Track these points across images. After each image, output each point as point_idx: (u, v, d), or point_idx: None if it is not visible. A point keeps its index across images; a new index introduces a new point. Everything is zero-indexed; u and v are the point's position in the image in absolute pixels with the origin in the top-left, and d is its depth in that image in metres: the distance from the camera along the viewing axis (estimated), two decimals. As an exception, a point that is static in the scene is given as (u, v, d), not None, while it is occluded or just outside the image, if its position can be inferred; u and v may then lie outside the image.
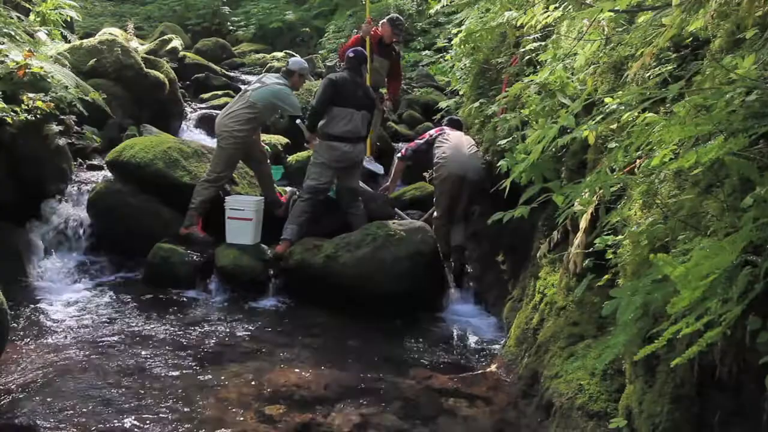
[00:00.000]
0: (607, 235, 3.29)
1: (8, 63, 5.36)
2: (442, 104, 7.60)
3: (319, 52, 15.23)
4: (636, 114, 3.28)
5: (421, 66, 12.66)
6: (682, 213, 2.47)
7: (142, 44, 12.70)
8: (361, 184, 6.35)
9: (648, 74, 3.49)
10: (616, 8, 3.37)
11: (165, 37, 11.58)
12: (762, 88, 2.35)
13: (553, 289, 4.32)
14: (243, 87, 10.96)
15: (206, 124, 9.14)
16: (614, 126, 3.54)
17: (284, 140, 7.77)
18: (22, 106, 5.50)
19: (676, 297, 1.72)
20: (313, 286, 5.33)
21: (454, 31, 6.73)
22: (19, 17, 7.00)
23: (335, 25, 15.88)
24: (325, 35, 15.73)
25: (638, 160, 3.14)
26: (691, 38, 3.43)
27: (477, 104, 6.00)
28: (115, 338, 4.47)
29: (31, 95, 5.52)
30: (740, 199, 2.15)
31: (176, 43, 11.35)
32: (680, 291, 1.70)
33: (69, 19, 10.30)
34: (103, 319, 4.80)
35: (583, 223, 3.50)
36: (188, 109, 9.58)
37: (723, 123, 2.36)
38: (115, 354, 4.21)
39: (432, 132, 6.09)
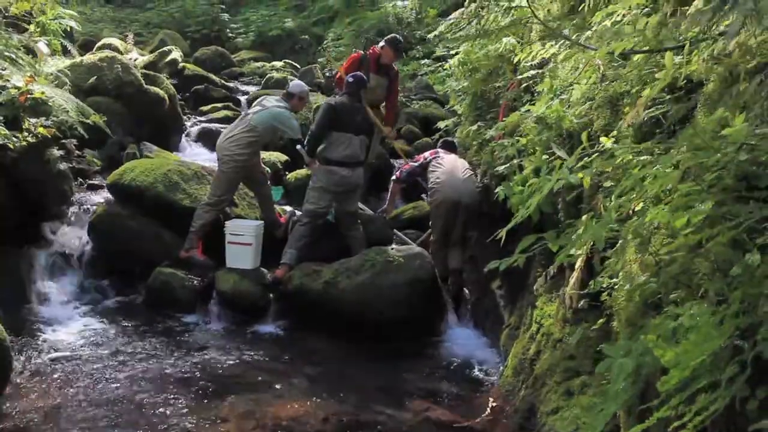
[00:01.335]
0: (602, 276, 3.34)
1: (10, 90, 5.39)
2: (441, 124, 7.63)
3: (318, 60, 15.27)
4: (630, 157, 3.36)
5: (420, 75, 12.65)
6: (674, 269, 2.52)
7: (141, 54, 12.76)
8: (360, 205, 6.41)
9: (642, 116, 3.54)
10: (611, 51, 3.43)
11: (164, 48, 11.62)
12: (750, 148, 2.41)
13: (549, 319, 4.37)
14: (243, 102, 11.09)
15: (206, 138, 9.20)
16: (609, 168, 3.58)
17: (283, 158, 7.82)
18: (23, 131, 5.53)
19: (665, 375, 1.77)
20: (312, 311, 5.39)
21: (453, 53, 6.79)
22: (20, 39, 7.03)
23: (334, 32, 15.93)
24: (324, 43, 15.78)
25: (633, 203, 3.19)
26: (685, 80, 3.48)
27: (475, 127, 6.04)
28: (116, 370, 4.51)
29: (32, 120, 5.55)
30: (730, 260, 2.20)
31: (176, 54, 11.40)
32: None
33: (69, 29, 10.35)
34: (104, 349, 4.84)
35: (578, 264, 3.55)
36: (188, 123, 9.62)
37: (713, 183, 2.43)
38: (116, 387, 4.26)
39: (426, 155, 6.13)
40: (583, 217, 3.77)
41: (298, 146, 5.85)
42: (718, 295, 2.16)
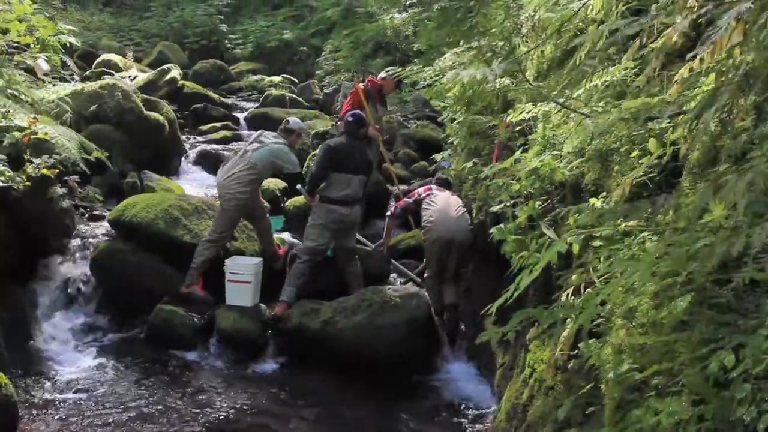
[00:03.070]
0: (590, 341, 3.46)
1: (14, 133, 5.48)
2: (437, 157, 7.72)
3: (317, 72, 15.35)
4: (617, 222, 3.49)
5: (416, 90, 12.66)
6: (655, 354, 2.64)
7: (141, 70, 12.85)
8: (360, 237, 6.52)
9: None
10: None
11: (164, 67, 11.70)
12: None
13: (542, 365, 4.48)
14: (242, 121, 11.18)
15: (205, 161, 9.33)
16: (598, 234, 3.70)
17: (282, 184, 7.92)
18: (27, 171, 5.62)
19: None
20: (310, 349, 5.50)
21: (450, 85, 6.87)
22: (20, 73, 7.13)
23: (332, 44, 16.01)
24: (323, 54, 15.86)
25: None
26: (672, 146, 3.60)
27: (470, 164, 6.14)
28: (117, 412, 4.62)
29: (36, 161, 5.65)
30: (709, 343, 2.32)
31: (175, 73, 11.49)
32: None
33: (68, 45, 10.44)
34: (105, 389, 4.95)
35: (567, 329, 3.66)
36: (187, 145, 9.72)
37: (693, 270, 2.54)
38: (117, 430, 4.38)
39: (420, 191, 6.22)
40: (573, 276, 3.90)
41: (299, 186, 5.98)
42: (696, 392, 2.29)
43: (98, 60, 12.78)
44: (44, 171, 5.61)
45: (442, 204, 5.91)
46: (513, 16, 4.67)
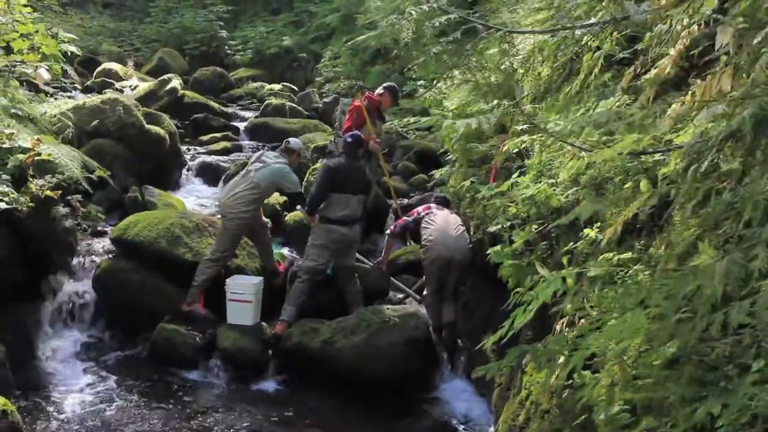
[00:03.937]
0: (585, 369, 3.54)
1: (17, 156, 5.55)
2: (436, 173, 7.80)
3: (316, 79, 15.39)
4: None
5: (416, 97, 12.69)
6: (646, 395, 2.71)
7: (142, 78, 12.93)
8: (358, 255, 6.60)
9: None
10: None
11: (164, 77, 11.77)
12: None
13: (538, 387, 4.56)
14: (242, 131, 11.25)
15: (205, 173, 9.41)
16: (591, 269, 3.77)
17: (282, 199, 7.99)
18: (31, 188, 5.69)
19: None
20: (310, 369, 5.58)
21: (450, 106, 6.95)
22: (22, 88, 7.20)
23: (331, 51, 16.06)
24: (322, 61, 15.91)
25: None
26: (664, 180, 3.67)
27: (468, 182, 6.21)
28: (121, 434, 4.72)
29: (39, 182, 5.72)
30: (693, 402, 2.40)
31: (175, 83, 11.56)
32: None
33: (69, 53, 10.50)
34: (108, 410, 5.02)
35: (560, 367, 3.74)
36: (187, 156, 9.79)
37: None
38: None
39: (419, 209, 6.29)
40: (568, 305, 3.98)
41: (299, 207, 6.06)
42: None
43: (99, 69, 12.86)
44: (48, 193, 5.68)
45: (441, 223, 5.98)
46: (509, 52, 4.74)
